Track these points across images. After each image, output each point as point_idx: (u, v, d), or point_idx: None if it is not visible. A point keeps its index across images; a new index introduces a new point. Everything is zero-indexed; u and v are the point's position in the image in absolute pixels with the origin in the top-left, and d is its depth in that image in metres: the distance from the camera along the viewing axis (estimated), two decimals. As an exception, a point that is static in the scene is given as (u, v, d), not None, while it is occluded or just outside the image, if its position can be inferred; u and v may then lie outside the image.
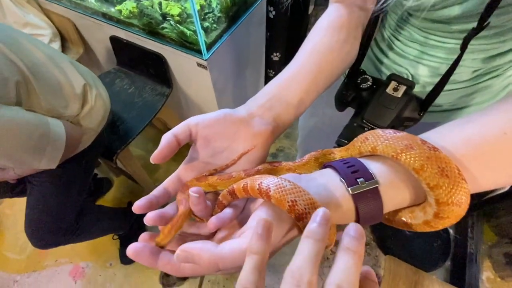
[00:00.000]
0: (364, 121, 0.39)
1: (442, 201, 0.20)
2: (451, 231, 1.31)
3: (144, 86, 1.13)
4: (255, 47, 1.20)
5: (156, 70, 1.09)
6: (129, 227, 1.24)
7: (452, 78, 0.39)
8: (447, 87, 0.41)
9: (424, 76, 0.40)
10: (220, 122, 0.29)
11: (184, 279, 1.16)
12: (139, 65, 1.14)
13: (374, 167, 0.23)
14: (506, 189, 0.89)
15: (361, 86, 0.40)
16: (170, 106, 1.25)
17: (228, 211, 0.25)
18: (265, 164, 0.29)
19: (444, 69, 0.36)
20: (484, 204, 0.99)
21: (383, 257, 1.28)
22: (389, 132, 0.24)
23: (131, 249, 0.24)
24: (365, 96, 0.41)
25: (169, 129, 0.28)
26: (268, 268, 1.25)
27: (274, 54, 1.37)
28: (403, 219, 0.23)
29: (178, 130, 0.28)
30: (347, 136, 0.40)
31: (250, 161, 0.30)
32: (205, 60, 0.89)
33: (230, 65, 1.05)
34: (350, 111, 0.56)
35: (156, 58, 1.03)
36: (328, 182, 0.24)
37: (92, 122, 0.84)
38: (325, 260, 1.27)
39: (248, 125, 0.30)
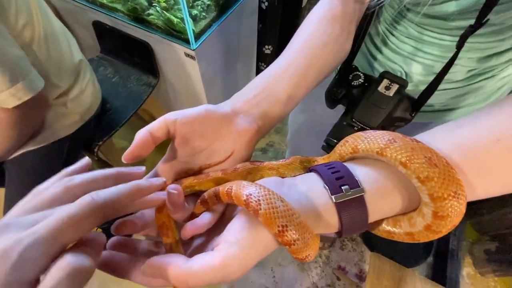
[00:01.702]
0: (353, 120, 0.37)
1: (437, 196, 0.18)
2: (434, 227, 1.33)
3: (129, 75, 1.08)
4: (246, 38, 1.16)
5: (142, 59, 1.04)
6: (113, 221, 1.21)
7: (446, 77, 0.38)
8: (440, 86, 0.40)
9: (418, 74, 0.39)
10: (201, 119, 0.27)
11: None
12: (123, 53, 1.08)
13: (360, 173, 0.22)
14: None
15: (353, 83, 0.38)
16: (156, 97, 1.20)
17: (206, 216, 0.23)
18: (245, 163, 0.27)
19: (438, 67, 0.35)
20: (468, 203, 1.01)
21: (368, 253, 1.30)
22: (369, 132, 0.23)
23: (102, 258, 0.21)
24: (356, 94, 0.39)
25: (148, 118, 0.25)
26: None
27: (266, 47, 1.34)
28: (404, 229, 0.22)
29: (154, 126, 0.25)
30: (336, 135, 0.38)
31: (233, 161, 0.28)
32: (193, 50, 0.85)
33: (219, 56, 1.01)
34: (341, 109, 0.54)
35: (141, 47, 0.98)
36: (311, 188, 0.22)
37: (79, 107, 0.82)
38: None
39: (231, 123, 0.28)
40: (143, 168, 0.24)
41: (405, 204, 0.21)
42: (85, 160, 0.22)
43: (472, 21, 0.27)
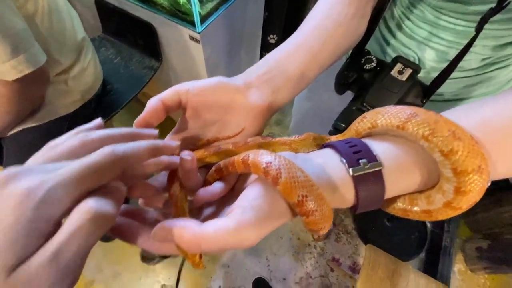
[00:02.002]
0: (364, 104, 0.37)
1: (461, 170, 0.18)
2: (428, 224, 1.35)
3: (131, 57, 1.06)
4: (251, 26, 1.14)
5: (145, 41, 1.02)
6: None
7: (460, 65, 0.38)
8: (453, 74, 0.39)
9: (431, 61, 0.39)
10: (213, 90, 0.26)
11: (165, 257, 1.15)
12: (126, 34, 1.06)
13: (378, 148, 0.21)
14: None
15: (365, 67, 0.38)
16: (158, 80, 1.18)
17: (218, 185, 0.23)
18: (256, 137, 0.26)
19: (452, 54, 0.34)
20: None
21: (363, 246, 1.31)
22: (389, 107, 0.22)
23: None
24: (367, 78, 0.39)
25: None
26: (250, 251, 1.26)
27: (271, 36, 1.32)
28: (421, 207, 0.21)
29: (166, 95, 0.25)
30: (344, 120, 0.38)
31: (244, 136, 0.27)
32: (198, 33, 0.83)
33: (224, 42, 1.00)
34: (347, 97, 0.53)
35: (145, 28, 0.96)
36: (327, 162, 0.21)
37: (80, 85, 0.80)
38: (306, 247, 1.29)
39: (243, 96, 0.27)
40: (156, 131, 0.23)
41: (424, 181, 0.21)
42: (98, 120, 0.22)
43: (491, 5, 0.27)
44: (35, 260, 0.14)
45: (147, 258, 1.17)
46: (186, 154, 0.21)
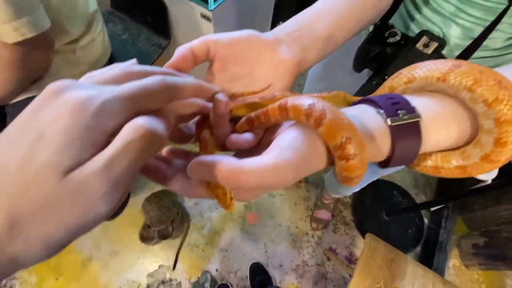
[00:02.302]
0: (386, 78, 0.36)
1: (504, 119, 0.17)
2: (426, 220, 1.37)
3: (139, 34, 1.04)
4: (263, 9, 1.13)
5: (155, 18, 1.01)
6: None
7: (485, 43, 0.37)
8: (477, 54, 0.39)
9: (455, 37, 0.38)
10: (243, 42, 0.25)
11: (164, 237, 1.16)
12: (136, 10, 1.04)
13: (416, 102, 0.21)
14: (488, 182, 0.92)
15: (388, 40, 0.37)
16: (166, 59, 1.16)
17: (249, 135, 0.22)
18: (284, 91, 0.26)
19: (478, 32, 0.34)
20: (462, 196, 1.02)
21: (360, 238, 1.33)
22: (428, 61, 0.21)
23: None
24: (389, 52, 0.38)
25: None
26: (248, 237, 1.27)
27: (281, 23, 1.31)
28: (456, 163, 0.21)
29: (195, 44, 0.24)
30: (364, 94, 0.37)
31: (271, 92, 0.27)
32: (211, 11, 0.82)
33: (235, 22, 0.98)
34: (362, 78, 0.53)
35: (156, 4, 0.95)
36: (363, 113, 0.21)
37: (88, 57, 0.79)
38: (304, 235, 1.30)
39: (273, 50, 0.26)
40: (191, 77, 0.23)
41: (460, 136, 0.21)
42: (133, 60, 0.21)
43: None
44: (89, 166, 0.14)
45: (146, 238, 1.17)
46: (221, 96, 0.21)
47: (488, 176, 0.95)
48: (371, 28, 0.46)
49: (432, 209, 1.37)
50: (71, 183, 0.13)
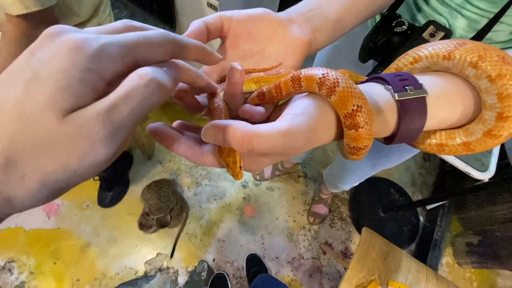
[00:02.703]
0: (391, 66, 0.37)
1: (507, 94, 0.18)
2: (421, 218, 1.38)
3: (144, 21, 1.04)
4: (269, 1, 1.13)
5: (160, 6, 1.00)
6: (113, 169, 1.20)
7: (489, 36, 0.38)
8: (481, 45, 0.40)
9: (461, 29, 0.39)
10: (257, 20, 0.26)
11: (162, 226, 1.17)
12: (141, -2, 1.04)
13: (422, 79, 0.21)
14: (485, 181, 0.93)
15: (395, 29, 0.38)
16: (169, 50, 1.17)
17: (260, 107, 0.23)
18: (289, 69, 0.26)
19: (483, 24, 0.35)
20: (459, 193, 1.04)
21: (356, 233, 1.34)
22: (433, 42, 0.22)
23: (151, 127, 0.21)
24: (396, 42, 0.39)
25: None
26: (245, 229, 1.28)
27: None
28: (460, 140, 0.22)
29: (210, 19, 0.25)
30: None
31: (280, 68, 0.27)
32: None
33: (241, 14, 0.98)
34: (367, 70, 0.53)
35: (162, -8, 0.95)
36: (371, 88, 0.22)
37: None
38: (301, 229, 1.32)
39: (286, 29, 0.27)
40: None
41: (464, 113, 0.21)
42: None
43: None
44: (91, 109, 0.14)
45: (145, 226, 1.18)
46: (237, 64, 0.21)
47: (485, 175, 0.97)
48: (378, 18, 0.47)
49: (428, 207, 1.39)
50: (72, 123, 0.13)
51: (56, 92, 0.13)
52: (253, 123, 0.24)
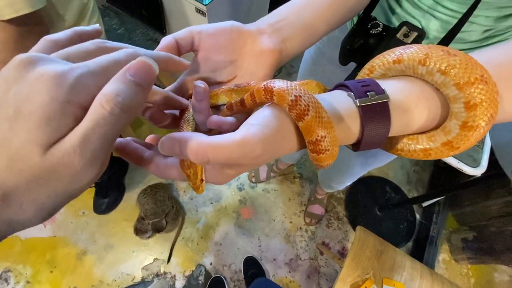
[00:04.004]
0: (368, 68, 0.38)
1: (463, 82, 0.18)
2: (417, 216, 1.39)
3: (135, 28, 1.05)
4: (258, 3, 1.14)
5: (150, 13, 1.01)
6: (108, 176, 1.21)
7: (462, 36, 0.39)
8: (454, 46, 0.40)
9: (434, 31, 0.39)
10: (226, 33, 0.27)
11: (158, 231, 1.17)
12: (131, 5, 1.05)
13: (387, 84, 0.22)
14: (478, 176, 0.94)
15: (371, 31, 0.39)
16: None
17: (230, 118, 0.24)
18: (259, 81, 0.27)
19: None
20: (453, 189, 1.04)
21: (352, 233, 1.34)
22: (383, 53, 0.23)
23: (116, 143, 0.22)
24: (372, 44, 0.39)
25: (158, 83, 0.26)
26: (242, 231, 1.28)
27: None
28: (420, 146, 0.22)
29: (180, 34, 0.26)
30: None
31: (252, 80, 0.28)
32: (205, 5, 0.83)
33: (231, 17, 0.99)
34: (350, 71, 0.54)
35: (151, -1, 0.96)
36: (334, 96, 0.22)
37: None
38: (297, 230, 1.32)
39: (256, 41, 0.28)
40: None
41: (430, 118, 0.21)
42: (97, 26, 0.21)
43: None
44: (67, 141, 0.14)
45: (140, 230, 1.19)
46: (199, 82, 0.22)
47: (477, 170, 0.98)
48: (355, 20, 0.48)
49: (424, 204, 1.39)
50: (53, 157, 0.14)
51: (38, 128, 0.14)
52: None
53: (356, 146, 0.23)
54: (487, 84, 0.18)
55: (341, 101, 0.22)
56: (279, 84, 0.20)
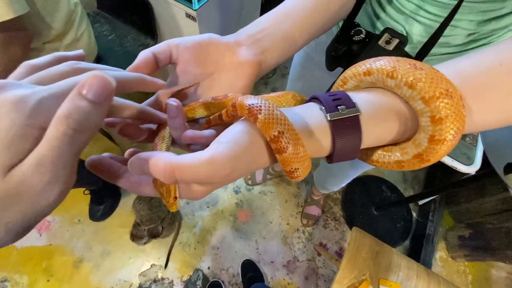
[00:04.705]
0: (352, 74, 0.38)
1: (429, 96, 0.18)
2: (414, 214, 1.39)
3: (126, 35, 1.05)
4: (249, 8, 1.14)
5: (141, 18, 1.01)
6: (103, 183, 1.20)
7: (445, 40, 0.39)
8: (439, 50, 0.40)
9: (418, 35, 0.40)
10: (204, 46, 0.27)
11: (154, 236, 1.16)
12: (122, 11, 1.04)
13: (357, 98, 0.22)
14: (471, 174, 0.94)
15: (354, 38, 0.39)
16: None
17: (208, 131, 0.23)
18: (237, 93, 0.27)
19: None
20: (447, 188, 1.05)
21: (349, 233, 1.35)
22: (354, 65, 0.23)
23: (89, 160, 0.22)
24: (356, 50, 0.39)
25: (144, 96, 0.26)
26: (239, 235, 1.28)
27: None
28: (395, 158, 0.22)
29: (158, 48, 0.26)
30: None
31: (231, 92, 0.28)
32: (195, 10, 0.83)
33: (221, 21, 0.99)
34: (338, 75, 0.54)
35: (142, 5, 0.95)
36: (306, 110, 0.22)
37: None
38: (295, 231, 1.32)
39: (234, 53, 0.28)
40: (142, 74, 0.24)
41: (401, 130, 0.22)
42: (80, 51, 0.21)
43: None
44: (27, 162, 0.15)
45: (136, 236, 1.18)
46: (172, 100, 0.22)
47: (471, 168, 0.98)
48: (340, 24, 0.48)
49: (420, 203, 1.40)
50: (12, 180, 0.14)
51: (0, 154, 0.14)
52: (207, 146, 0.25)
53: (329, 159, 0.23)
54: (452, 98, 0.18)
55: (313, 115, 0.22)
56: (241, 98, 0.20)
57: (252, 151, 0.19)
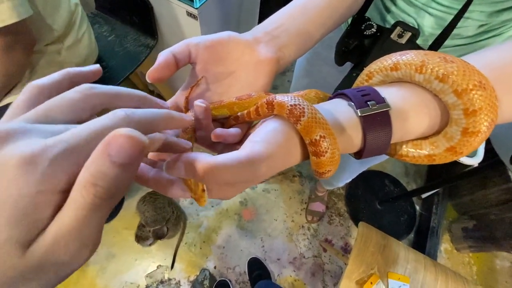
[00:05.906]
0: (364, 69, 0.38)
1: (461, 89, 0.18)
2: (417, 207, 1.40)
3: (126, 35, 1.04)
4: (249, 6, 1.13)
5: (141, 18, 1.00)
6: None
7: (457, 32, 0.39)
8: (451, 42, 0.40)
9: (429, 27, 0.39)
10: (224, 44, 0.26)
11: (159, 237, 1.16)
12: (121, 11, 1.03)
13: (385, 93, 0.22)
14: (475, 165, 0.95)
15: (365, 33, 0.38)
16: (154, 59, 1.16)
17: (235, 129, 0.23)
18: (260, 92, 0.27)
19: (449, 20, 0.35)
20: (451, 180, 1.05)
21: (354, 228, 1.35)
22: (381, 58, 0.22)
23: None
24: (367, 45, 0.39)
25: (150, 91, 0.25)
26: (244, 233, 1.28)
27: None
28: (425, 151, 0.22)
29: (177, 48, 0.25)
30: (345, 87, 0.39)
31: (252, 90, 0.28)
32: (196, 8, 0.82)
33: (222, 19, 0.98)
34: (346, 72, 0.54)
35: (141, 4, 0.94)
36: (335, 107, 0.22)
37: (74, 58, 0.79)
38: (300, 228, 1.32)
39: (253, 51, 0.27)
40: (168, 104, 0.23)
41: (431, 124, 0.21)
42: (96, 66, 0.19)
43: None
44: (50, 234, 0.13)
45: (141, 238, 1.18)
46: (199, 101, 0.22)
47: (474, 160, 0.99)
48: (349, 21, 0.48)
49: (423, 196, 1.40)
50: (35, 256, 0.12)
51: (12, 229, 0.12)
52: (229, 144, 0.24)
53: (358, 155, 0.23)
54: (486, 90, 0.18)
55: (341, 111, 0.22)
56: (280, 97, 0.21)
57: (286, 150, 0.19)
